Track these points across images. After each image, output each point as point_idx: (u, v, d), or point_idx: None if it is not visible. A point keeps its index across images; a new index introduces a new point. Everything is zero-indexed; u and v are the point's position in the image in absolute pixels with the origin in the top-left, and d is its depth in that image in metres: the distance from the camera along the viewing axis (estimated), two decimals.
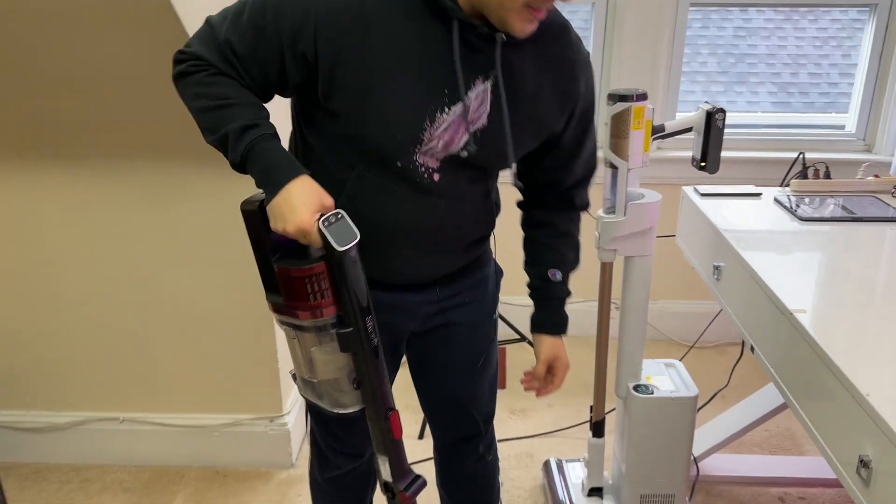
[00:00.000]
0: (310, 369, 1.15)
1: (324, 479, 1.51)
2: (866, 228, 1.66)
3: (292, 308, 1.10)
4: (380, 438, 1.18)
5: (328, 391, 1.16)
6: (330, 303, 1.09)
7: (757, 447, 2.20)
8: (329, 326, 1.10)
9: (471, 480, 1.59)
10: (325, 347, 1.12)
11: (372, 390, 1.14)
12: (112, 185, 1.87)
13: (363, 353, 1.12)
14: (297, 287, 1.07)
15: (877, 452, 1.00)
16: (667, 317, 2.76)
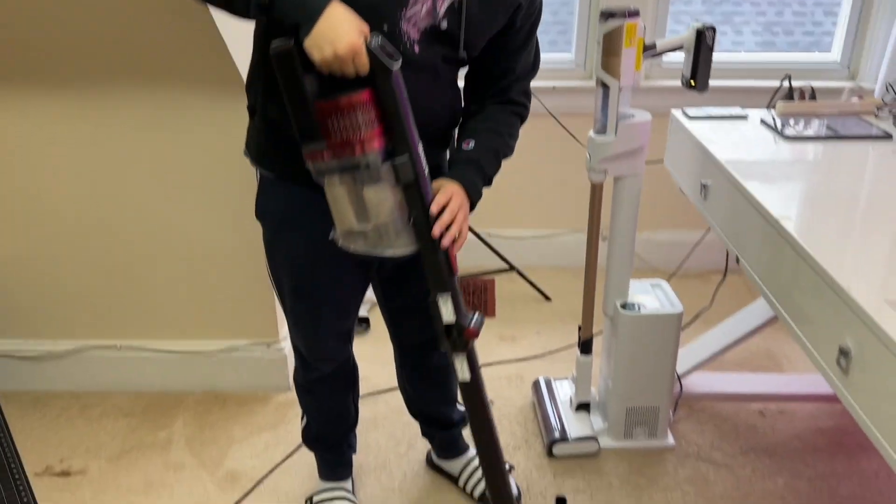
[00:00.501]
0: (362, 215, 1.14)
1: (307, 381, 1.59)
2: (850, 146, 1.70)
3: (342, 147, 1.08)
4: (439, 274, 1.20)
5: (383, 234, 1.17)
6: (379, 133, 1.09)
7: (738, 366, 2.28)
8: (380, 161, 1.11)
9: (437, 371, 1.69)
10: (378, 185, 1.12)
11: (428, 224, 1.16)
12: (107, 112, 1.86)
13: (418, 183, 1.13)
14: (346, 120, 1.06)
15: (856, 341, 1.05)
16: (652, 246, 2.82)
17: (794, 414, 2.07)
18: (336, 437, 1.71)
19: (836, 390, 1.10)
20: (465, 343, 1.26)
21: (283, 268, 1.44)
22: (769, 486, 1.81)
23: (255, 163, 1.39)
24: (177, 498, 1.79)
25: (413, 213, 1.16)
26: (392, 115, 1.09)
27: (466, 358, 1.29)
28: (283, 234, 1.40)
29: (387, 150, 1.12)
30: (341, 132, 1.08)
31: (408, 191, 1.14)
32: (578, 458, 1.90)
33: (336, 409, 1.67)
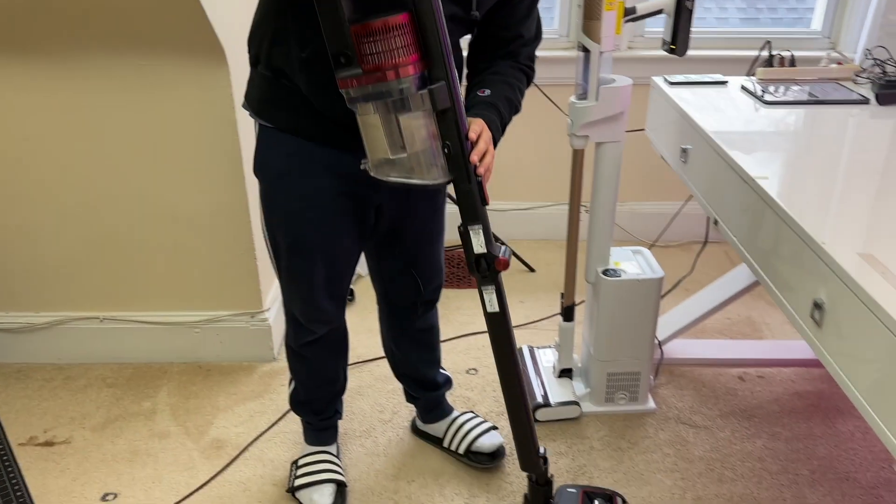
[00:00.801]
0: (396, 144, 1.13)
1: (299, 345, 1.59)
2: (829, 111, 1.72)
3: (377, 72, 1.06)
4: (471, 205, 1.20)
5: (416, 164, 1.16)
6: (417, 58, 1.07)
7: (718, 333, 2.31)
8: (416, 87, 1.09)
9: (424, 333, 1.73)
10: (413, 113, 1.11)
11: (462, 153, 1.15)
12: (85, 82, 1.84)
13: (454, 110, 1.12)
14: (383, 44, 1.04)
15: (829, 294, 1.07)
16: (635, 217, 2.84)
17: (772, 378, 2.10)
18: (324, 402, 1.72)
19: (811, 343, 1.12)
20: (495, 274, 1.26)
21: (280, 223, 1.42)
22: (747, 448, 1.84)
23: (255, 114, 1.38)
24: (162, 465, 1.80)
25: (448, 142, 1.14)
26: (430, 38, 1.07)
27: (495, 290, 1.29)
28: (283, 188, 1.39)
29: (423, 77, 1.10)
30: (377, 57, 1.05)
31: (443, 118, 1.12)
32: (561, 422, 1.92)
33: (326, 373, 1.68)
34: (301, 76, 1.27)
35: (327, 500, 1.65)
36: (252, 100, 1.38)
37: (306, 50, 1.23)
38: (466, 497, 1.70)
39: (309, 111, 1.30)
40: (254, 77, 1.37)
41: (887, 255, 1.06)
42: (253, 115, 1.39)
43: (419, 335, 1.73)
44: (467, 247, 1.24)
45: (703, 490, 1.72)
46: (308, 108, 1.30)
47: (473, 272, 1.27)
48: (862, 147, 1.50)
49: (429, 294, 1.66)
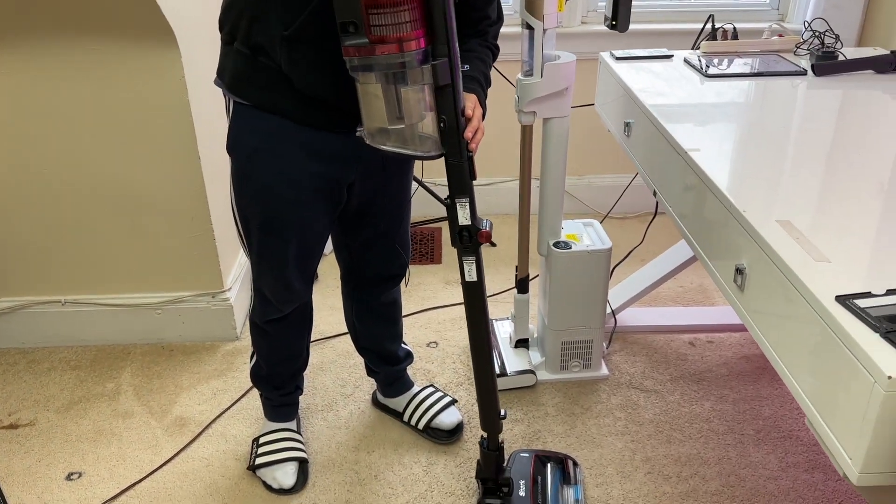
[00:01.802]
0: (395, 114, 1.17)
1: (264, 322, 1.62)
2: (768, 83, 1.77)
3: (383, 44, 1.09)
4: (460, 179, 1.25)
5: (412, 135, 1.20)
6: (422, 33, 1.10)
7: (672, 301, 2.38)
8: (420, 60, 1.12)
9: (387, 307, 1.77)
10: (414, 86, 1.15)
11: (457, 127, 1.19)
12: (37, 65, 1.84)
13: (453, 86, 1.15)
14: (391, 17, 1.07)
15: (750, 260, 1.13)
16: (593, 190, 2.89)
17: (722, 343, 2.18)
18: (285, 378, 1.74)
19: (734, 307, 1.18)
20: (476, 245, 1.32)
21: (253, 201, 1.43)
22: (696, 410, 1.92)
23: (229, 91, 1.37)
24: (126, 444, 1.83)
25: (444, 116, 1.18)
26: (437, 16, 1.10)
27: (475, 261, 1.35)
28: (257, 166, 1.39)
29: (426, 52, 1.13)
30: (383, 29, 1.08)
31: (442, 93, 1.16)
32: (517, 390, 1.98)
33: (289, 349, 1.70)
34: (282, 53, 1.27)
35: (290, 479, 1.69)
36: (227, 77, 1.37)
37: (289, 28, 1.24)
38: (425, 465, 1.76)
39: (287, 89, 1.31)
40: (228, 54, 1.36)
41: (804, 222, 1.12)
42: (227, 93, 1.39)
43: (382, 309, 1.76)
44: (452, 218, 1.30)
45: (652, 451, 1.79)
46: (286, 86, 1.30)
47: (456, 243, 1.32)
48: (793, 118, 1.56)
49: (394, 269, 1.70)
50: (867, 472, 0.86)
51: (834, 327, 0.90)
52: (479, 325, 1.44)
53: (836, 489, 1.68)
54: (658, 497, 1.66)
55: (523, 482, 1.62)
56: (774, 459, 1.76)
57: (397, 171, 1.55)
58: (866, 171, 1.29)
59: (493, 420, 1.54)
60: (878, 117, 1.54)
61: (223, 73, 1.39)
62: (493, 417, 1.54)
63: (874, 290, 0.94)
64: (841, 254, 1.03)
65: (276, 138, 1.36)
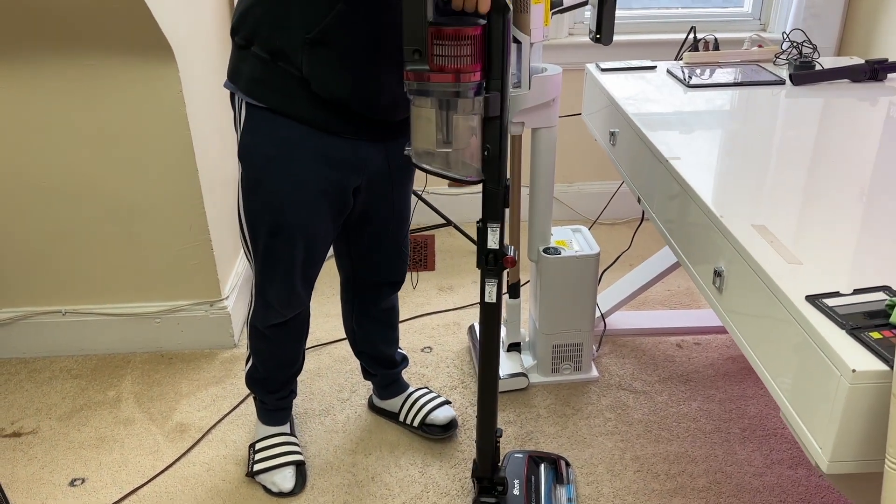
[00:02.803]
0: (445, 139, 1.23)
1: (266, 327, 1.65)
2: (748, 92, 1.83)
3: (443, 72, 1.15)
4: (494, 205, 1.31)
5: (457, 161, 1.26)
6: (479, 67, 1.17)
7: (659, 304, 2.44)
8: (473, 93, 1.19)
9: (385, 312, 1.82)
10: (466, 115, 1.21)
11: (500, 156, 1.26)
12: (37, 82, 1.88)
13: (501, 118, 1.22)
14: (454, 49, 1.14)
15: (727, 263, 1.19)
16: (582, 197, 2.95)
17: (708, 345, 2.23)
18: (280, 382, 1.78)
19: (714, 308, 1.24)
20: (501, 268, 1.38)
21: (264, 207, 1.46)
22: (684, 410, 1.97)
23: (246, 95, 1.39)
24: (128, 450, 1.88)
25: (489, 145, 1.25)
26: (495, 55, 1.17)
27: (496, 283, 1.41)
28: (270, 173, 1.42)
29: (480, 84, 1.20)
30: (445, 59, 1.15)
31: (490, 124, 1.23)
32: (510, 393, 2.03)
33: (287, 355, 1.74)
34: (304, 57, 1.31)
35: (289, 483, 1.73)
36: (242, 81, 1.39)
37: (312, 31, 1.28)
38: (420, 466, 1.80)
39: (305, 94, 1.35)
40: (245, 58, 1.38)
41: (779, 226, 1.18)
42: (242, 96, 1.40)
43: (381, 315, 1.81)
44: (482, 241, 1.36)
45: (642, 450, 1.84)
46: (304, 91, 1.34)
47: (482, 265, 1.38)
48: (771, 126, 1.62)
49: (394, 276, 1.74)
50: (836, 460, 0.91)
51: (804, 325, 0.95)
52: (492, 346, 1.49)
53: (819, 485, 1.73)
54: (647, 494, 1.71)
55: (517, 481, 1.67)
56: (759, 456, 1.82)
57: (401, 180, 1.60)
58: (841, 177, 1.35)
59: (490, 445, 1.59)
60: (852, 125, 1.60)
61: (237, 77, 1.40)
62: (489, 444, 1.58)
63: (842, 290, 1.00)
64: (813, 256, 1.09)
65: (290, 144, 1.40)
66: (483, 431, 1.58)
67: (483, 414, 1.56)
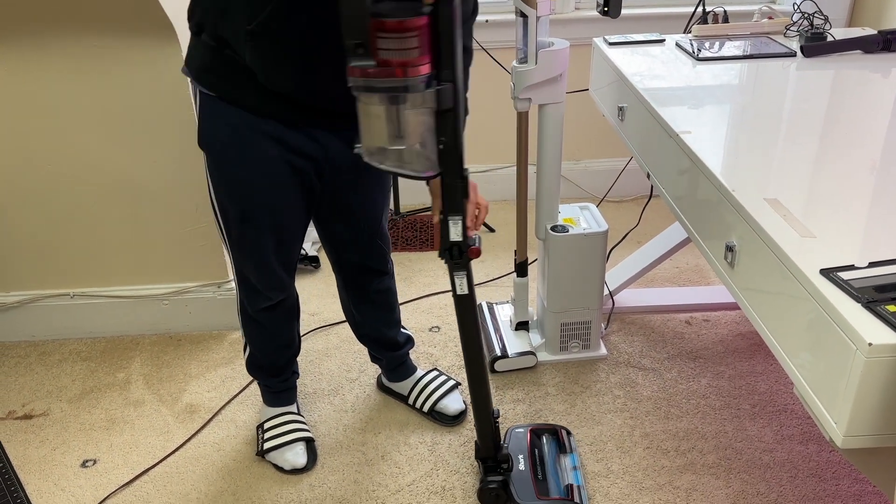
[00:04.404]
0: (394, 137, 1.18)
1: (255, 311, 1.65)
2: (758, 65, 1.80)
3: (389, 67, 1.09)
4: (454, 198, 1.28)
5: (412, 157, 1.22)
6: (428, 59, 1.11)
7: (668, 282, 2.43)
8: (423, 86, 1.13)
9: (379, 294, 1.78)
10: (417, 110, 1.16)
11: (456, 148, 1.22)
12: (42, 64, 1.87)
13: (455, 110, 1.17)
14: (399, 43, 1.08)
15: (739, 237, 1.17)
16: (589, 175, 2.93)
17: (718, 321, 2.22)
18: (280, 366, 1.78)
19: (726, 284, 1.23)
20: (467, 261, 1.36)
21: (229, 194, 1.46)
22: (693, 386, 1.97)
23: (195, 80, 1.39)
24: (138, 431, 1.88)
25: (444, 138, 1.21)
26: (444, 44, 1.12)
27: (466, 275, 1.38)
28: (229, 158, 1.42)
29: (430, 77, 1.14)
30: (390, 53, 1.09)
31: (444, 117, 1.18)
32: (518, 371, 2.03)
33: (282, 337, 1.74)
34: (246, 48, 1.28)
35: (302, 458, 1.74)
36: (194, 67, 1.39)
37: (252, 22, 1.25)
38: (430, 445, 1.81)
39: (253, 84, 1.32)
40: (197, 45, 1.38)
41: (791, 200, 1.16)
42: (193, 81, 1.40)
43: (376, 297, 1.79)
44: (444, 235, 1.33)
45: (651, 427, 1.84)
46: (252, 80, 1.32)
47: (446, 258, 1.35)
48: (782, 99, 1.59)
49: (377, 264, 1.72)
50: (851, 434, 0.91)
51: (818, 299, 0.94)
52: (472, 337, 1.47)
53: (830, 460, 1.73)
54: (657, 470, 1.71)
55: (521, 456, 1.67)
56: (770, 433, 1.81)
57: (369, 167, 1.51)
58: (854, 150, 1.33)
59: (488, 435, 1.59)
60: (865, 97, 1.57)
61: (190, 63, 1.40)
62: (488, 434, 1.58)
63: (857, 264, 0.98)
64: (827, 230, 1.07)
65: (243, 130, 1.37)
66: (479, 415, 1.57)
67: (476, 399, 1.55)
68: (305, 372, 2.06)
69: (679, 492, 1.65)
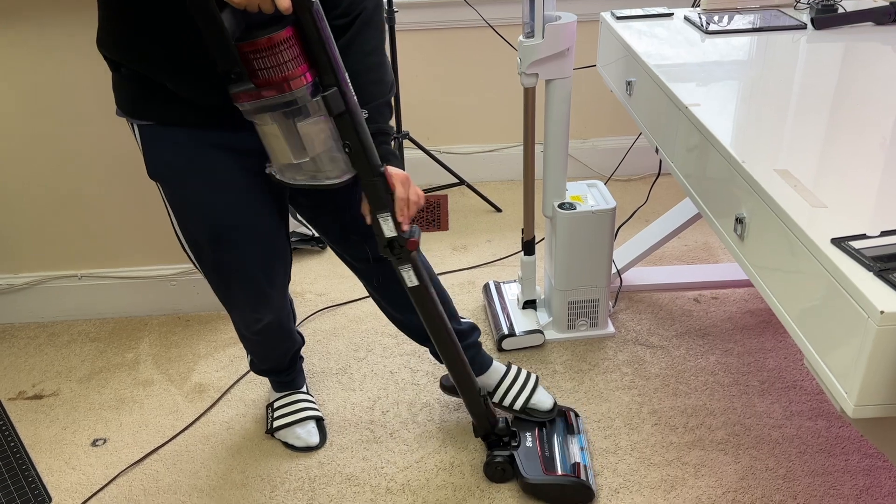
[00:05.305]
0: (298, 149, 1.17)
1: (251, 332, 1.58)
2: (768, 38, 1.78)
3: (270, 86, 1.09)
4: (376, 195, 1.26)
5: (321, 166, 1.20)
6: (307, 68, 1.11)
7: (676, 260, 2.41)
8: (310, 95, 1.13)
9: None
10: (311, 119, 1.15)
11: (363, 149, 1.20)
12: (46, 40, 1.86)
13: (350, 111, 1.16)
14: (271, 59, 1.07)
15: (749, 209, 1.16)
16: (597, 153, 2.91)
17: (726, 299, 2.21)
18: (285, 364, 1.78)
19: (735, 257, 1.21)
20: (408, 254, 1.34)
21: (195, 219, 1.38)
22: (701, 363, 1.96)
23: (131, 116, 1.32)
24: (147, 411, 1.89)
25: (347, 141, 1.19)
26: (316, 49, 1.10)
27: (412, 266, 1.37)
28: (186, 183, 1.34)
29: (315, 84, 1.13)
30: (267, 72, 1.08)
31: (340, 120, 1.17)
32: (526, 350, 2.02)
33: (283, 345, 1.70)
34: (163, 74, 1.23)
35: (315, 437, 1.74)
36: (124, 102, 1.32)
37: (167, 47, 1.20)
38: (438, 422, 1.81)
39: (185, 101, 1.26)
40: (119, 80, 1.31)
41: (802, 171, 1.14)
42: (130, 119, 1.34)
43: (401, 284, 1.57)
44: (378, 233, 1.31)
45: (659, 404, 1.83)
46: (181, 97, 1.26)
47: (388, 255, 1.34)
48: (792, 71, 1.57)
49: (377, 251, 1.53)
50: (862, 404, 0.90)
51: (830, 268, 0.93)
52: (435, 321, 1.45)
53: (839, 435, 1.72)
54: (665, 447, 1.71)
55: (529, 433, 1.67)
56: (779, 409, 1.81)
57: None
58: (866, 122, 1.31)
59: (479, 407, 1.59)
60: (877, 69, 1.55)
61: (120, 100, 1.33)
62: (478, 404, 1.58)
63: (869, 233, 0.97)
64: (837, 200, 1.06)
65: (190, 149, 1.31)
66: (465, 396, 1.58)
67: (458, 381, 1.56)
68: (313, 352, 2.06)
69: (687, 467, 1.65)
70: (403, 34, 2.66)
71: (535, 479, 1.56)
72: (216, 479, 1.69)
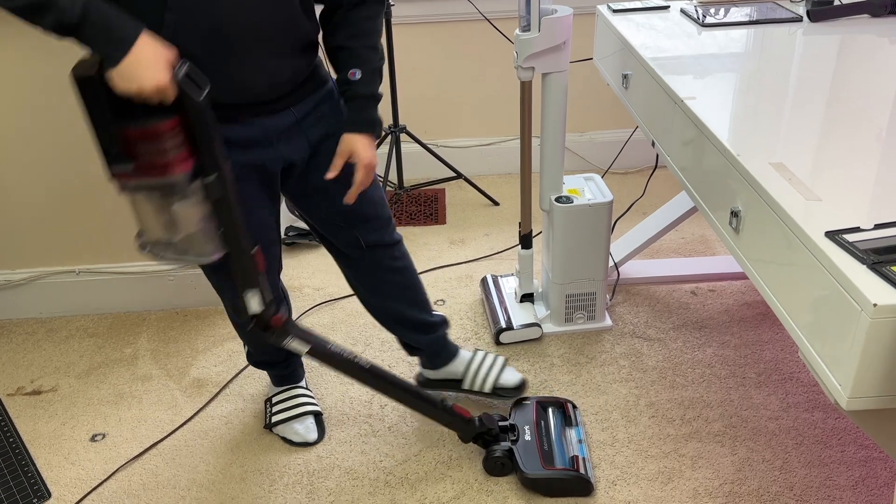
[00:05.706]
0: (171, 228, 1.17)
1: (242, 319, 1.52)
2: (763, 30, 1.78)
3: (150, 169, 1.10)
4: (246, 273, 1.27)
5: (193, 244, 1.20)
6: (188, 155, 1.12)
7: (674, 252, 2.42)
8: (188, 180, 1.13)
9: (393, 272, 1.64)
10: (187, 201, 1.15)
11: (237, 231, 1.21)
12: (39, 36, 1.85)
13: (227, 197, 1.17)
14: (154, 146, 1.08)
15: (744, 203, 1.16)
16: (595, 146, 2.91)
17: (723, 291, 2.22)
18: (280, 359, 1.78)
19: (730, 249, 1.22)
20: (275, 331, 1.35)
21: None
22: (698, 356, 1.97)
23: None
24: (146, 406, 1.90)
25: (223, 224, 1.20)
26: (201, 140, 1.11)
27: (296, 335, 1.37)
28: None
29: (195, 169, 1.14)
30: (149, 156, 1.09)
31: (218, 205, 1.18)
32: (524, 343, 2.03)
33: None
34: None
35: (313, 433, 1.75)
36: None
37: None
38: None
39: None
40: None
41: (797, 164, 1.15)
42: None
43: (387, 275, 1.64)
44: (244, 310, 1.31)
45: (656, 396, 1.84)
46: None
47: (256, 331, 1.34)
48: (788, 64, 1.57)
49: (372, 238, 1.57)
50: (856, 396, 0.90)
51: (823, 261, 0.93)
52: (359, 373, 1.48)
53: (836, 427, 1.73)
54: (662, 439, 1.72)
55: (528, 427, 1.68)
56: (776, 400, 1.82)
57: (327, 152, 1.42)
58: (861, 115, 1.31)
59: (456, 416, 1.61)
60: (873, 61, 1.55)
61: None
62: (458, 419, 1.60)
63: (863, 226, 0.98)
64: (832, 193, 1.06)
65: None
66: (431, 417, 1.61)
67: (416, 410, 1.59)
68: None
69: (684, 459, 1.66)
70: (400, 28, 2.65)
71: (535, 474, 1.57)
72: (215, 473, 1.69)
